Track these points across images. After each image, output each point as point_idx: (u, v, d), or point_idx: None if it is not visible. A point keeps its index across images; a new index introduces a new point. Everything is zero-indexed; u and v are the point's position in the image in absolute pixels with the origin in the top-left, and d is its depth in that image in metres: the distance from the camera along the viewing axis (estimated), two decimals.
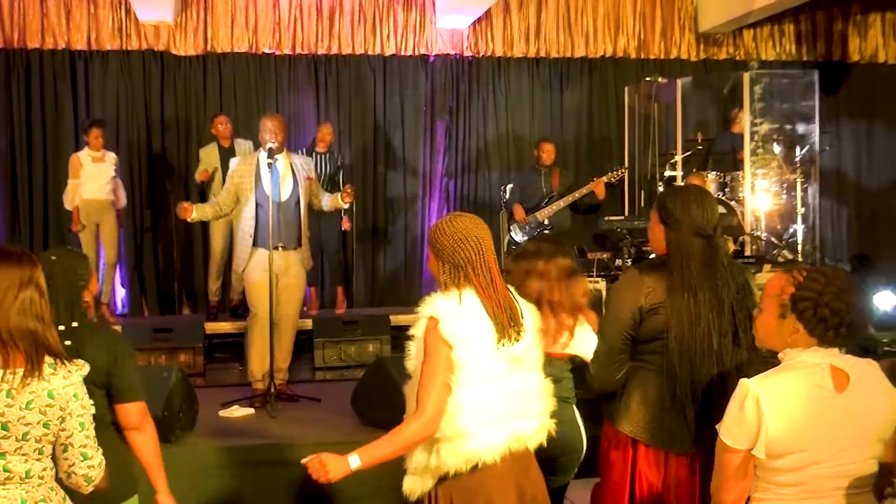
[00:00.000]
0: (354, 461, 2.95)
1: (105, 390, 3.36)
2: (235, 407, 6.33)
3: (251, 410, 6.33)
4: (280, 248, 6.48)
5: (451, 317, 2.97)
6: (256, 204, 6.52)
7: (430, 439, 2.98)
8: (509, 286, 3.19)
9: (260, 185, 6.51)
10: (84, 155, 8.60)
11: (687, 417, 3.25)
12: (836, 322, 2.65)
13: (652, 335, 3.31)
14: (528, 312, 3.15)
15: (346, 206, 7.30)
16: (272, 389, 6.35)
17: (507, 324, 3.03)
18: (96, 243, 8.69)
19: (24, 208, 9.60)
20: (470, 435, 2.96)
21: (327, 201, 6.85)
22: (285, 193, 6.59)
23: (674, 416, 3.27)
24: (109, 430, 3.34)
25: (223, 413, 6.25)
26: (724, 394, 2.87)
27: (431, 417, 2.94)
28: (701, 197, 3.38)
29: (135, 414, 3.40)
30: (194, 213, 6.49)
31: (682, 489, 3.29)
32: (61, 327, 3.16)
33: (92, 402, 2.98)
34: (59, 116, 9.69)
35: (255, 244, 6.53)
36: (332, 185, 8.77)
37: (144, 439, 3.44)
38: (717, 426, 2.73)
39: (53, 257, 3.37)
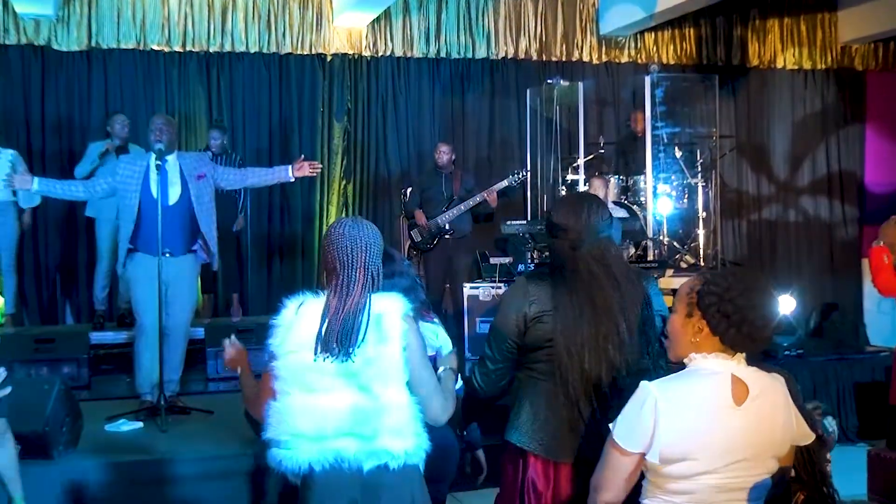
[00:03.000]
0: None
1: None
2: (123, 421, 6.19)
3: (140, 424, 6.19)
4: (167, 255, 6.34)
5: (283, 324, 3.10)
6: (140, 206, 6.38)
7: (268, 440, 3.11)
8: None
9: (147, 187, 6.38)
10: None
11: (575, 426, 3.28)
12: (738, 319, 2.67)
13: (538, 343, 3.34)
14: (387, 329, 3.07)
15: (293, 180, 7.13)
16: (162, 402, 6.21)
17: (336, 339, 3.02)
18: None
19: None
20: (279, 442, 3.05)
21: (241, 177, 6.91)
22: (174, 196, 6.46)
23: (563, 424, 3.29)
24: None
25: (109, 427, 6.10)
26: (616, 402, 2.90)
27: (252, 399, 3.41)
28: (581, 204, 3.40)
29: None
30: (35, 183, 6.28)
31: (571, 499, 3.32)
32: None
33: None
34: None
35: (136, 249, 6.40)
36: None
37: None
38: (609, 424, 2.74)
39: None
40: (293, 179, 7.02)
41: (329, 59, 10.39)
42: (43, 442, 5.14)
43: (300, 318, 3.07)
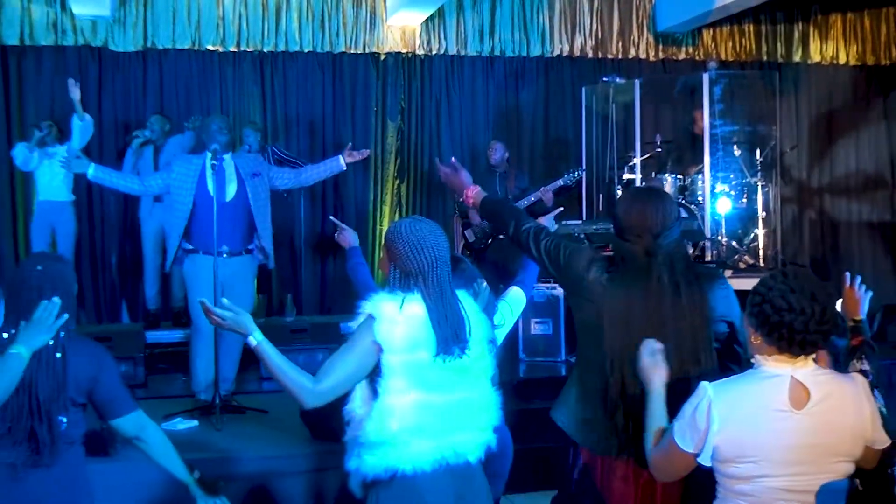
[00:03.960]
0: (258, 336, 3.04)
1: (82, 407, 3.34)
2: (178, 419, 6.25)
3: (195, 423, 6.26)
4: (224, 254, 6.41)
5: (389, 320, 3.00)
6: (196, 205, 6.45)
7: (355, 443, 3.04)
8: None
9: (203, 185, 6.45)
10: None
11: (616, 422, 3.28)
12: (777, 321, 2.65)
13: (585, 322, 3.39)
14: (478, 324, 3.16)
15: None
16: (217, 401, 6.28)
17: (451, 337, 3.04)
18: (52, 247, 8.63)
19: None
20: (394, 444, 2.99)
21: (296, 175, 7.03)
22: (230, 194, 6.54)
23: (606, 423, 3.30)
24: (72, 450, 3.31)
25: (165, 425, 6.16)
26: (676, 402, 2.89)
27: (321, 392, 2.98)
28: (648, 200, 3.37)
29: (135, 427, 3.42)
30: (91, 169, 6.32)
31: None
32: (50, 342, 3.18)
33: (65, 419, 3.10)
34: None
35: (195, 249, 6.46)
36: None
37: (149, 446, 3.48)
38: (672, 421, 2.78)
39: (40, 267, 3.33)
40: (345, 167, 7.12)
41: (383, 57, 10.43)
42: (102, 440, 5.21)
43: (408, 318, 3.03)
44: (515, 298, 4.33)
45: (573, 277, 3.42)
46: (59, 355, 3.19)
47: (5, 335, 3.24)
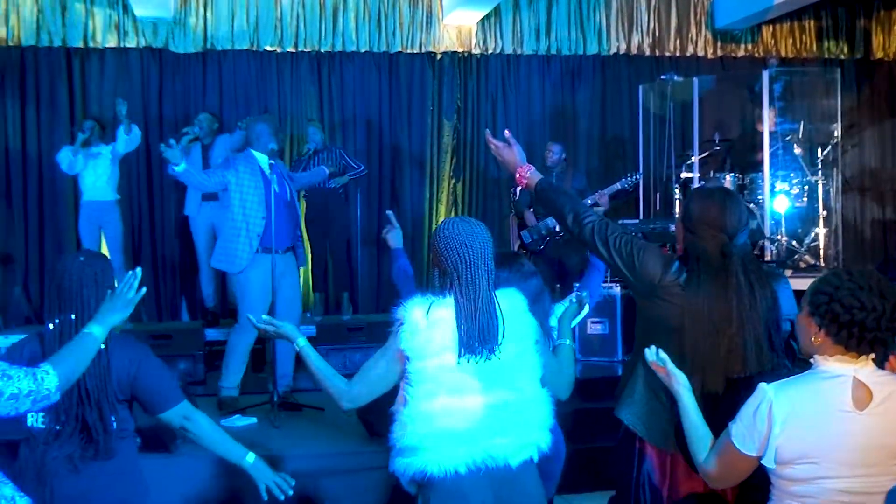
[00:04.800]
0: (301, 342, 3.20)
1: (128, 403, 3.40)
2: (237, 416, 6.34)
3: (254, 420, 6.33)
4: (280, 252, 6.54)
5: (414, 327, 3.05)
6: (263, 204, 6.54)
7: (394, 447, 3.09)
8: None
9: (268, 185, 6.55)
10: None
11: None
12: (847, 320, 2.63)
13: (658, 322, 3.35)
14: (518, 324, 3.14)
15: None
16: (275, 398, 6.35)
17: (477, 338, 3.04)
18: (98, 248, 8.75)
19: (19, 212, 9.62)
20: (423, 448, 3.02)
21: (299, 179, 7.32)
22: (286, 194, 6.67)
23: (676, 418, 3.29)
24: (125, 443, 3.37)
25: (224, 423, 6.24)
26: (729, 403, 2.88)
27: (351, 397, 3.13)
28: (724, 200, 3.37)
29: (179, 418, 3.45)
30: (182, 164, 6.36)
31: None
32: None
33: (113, 417, 3.18)
34: (55, 117, 9.71)
35: (260, 247, 6.53)
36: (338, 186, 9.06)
37: (198, 435, 3.49)
38: (729, 425, 2.75)
39: (82, 258, 3.36)
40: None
41: (439, 57, 10.47)
42: (162, 436, 5.30)
43: (433, 322, 3.06)
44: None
45: (648, 278, 3.37)
46: (103, 347, 3.18)
47: (51, 325, 3.27)
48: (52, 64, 9.70)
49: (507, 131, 3.87)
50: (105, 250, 8.77)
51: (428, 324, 3.05)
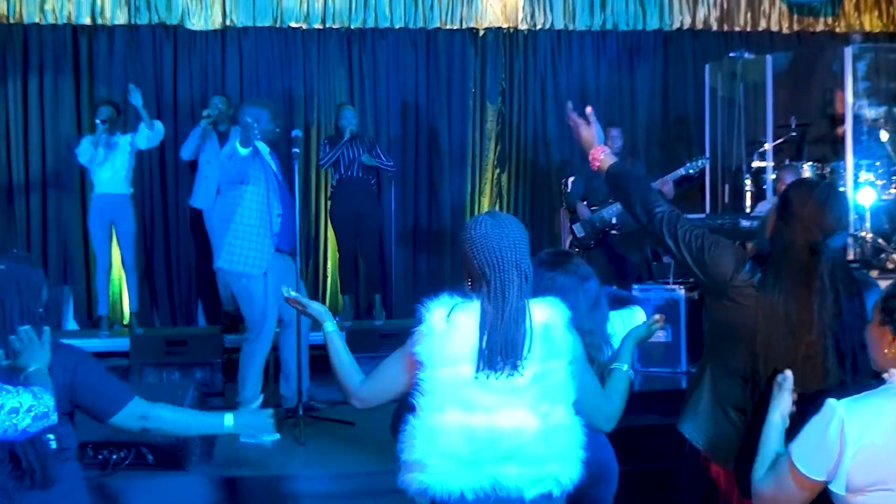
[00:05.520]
0: (329, 327, 3.30)
1: (68, 416, 3.35)
2: None
3: (277, 436, 6.35)
4: (287, 251, 6.63)
5: (431, 330, 3.03)
6: (277, 199, 6.58)
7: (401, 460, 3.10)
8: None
9: (278, 179, 6.60)
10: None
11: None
12: None
13: (729, 326, 3.36)
14: (551, 341, 3.06)
15: None
16: (301, 412, 6.39)
17: (500, 352, 2.99)
18: (111, 243, 8.87)
19: (21, 206, 9.74)
20: (426, 466, 2.99)
21: None
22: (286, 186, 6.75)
23: (742, 430, 3.29)
24: (67, 466, 3.32)
25: (245, 439, 6.29)
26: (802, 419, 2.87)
27: (361, 397, 3.24)
28: (826, 196, 3.37)
29: (135, 419, 3.42)
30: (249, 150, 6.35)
31: None
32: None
33: (53, 436, 3.10)
34: (59, 98, 9.83)
35: (276, 246, 6.57)
36: (369, 174, 9.04)
37: (162, 423, 3.49)
38: (789, 445, 2.72)
39: (3, 266, 3.30)
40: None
41: (481, 33, 10.47)
42: (177, 453, 5.35)
43: (453, 327, 3.02)
44: (631, 316, 4.20)
45: (719, 277, 3.37)
46: None
47: None
48: (56, 43, 9.82)
49: (588, 108, 3.92)
50: (115, 247, 8.89)
51: (446, 328, 3.02)
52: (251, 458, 5.90)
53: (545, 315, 3.07)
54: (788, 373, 2.94)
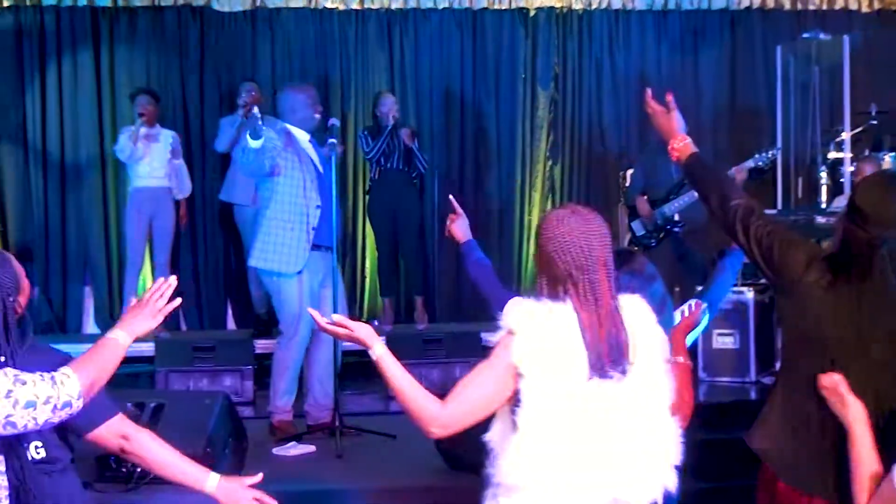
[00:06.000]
0: (379, 350, 3.03)
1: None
2: (292, 444, 6.37)
3: (312, 448, 6.36)
4: (326, 248, 6.64)
5: (530, 336, 2.95)
6: (316, 191, 6.58)
7: (493, 483, 3.01)
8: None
9: (318, 170, 6.59)
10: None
11: (829, 459, 3.23)
12: None
13: (798, 335, 3.36)
14: (649, 340, 3.08)
15: None
16: (338, 422, 6.38)
17: (606, 354, 2.96)
18: (148, 240, 8.95)
19: (39, 201, 9.82)
20: (536, 488, 2.94)
21: None
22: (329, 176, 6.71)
23: (817, 454, 3.25)
24: (65, 480, 3.30)
25: (278, 451, 6.29)
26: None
27: (445, 422, 3.01)
28: (888, 186, 3.34)
29: (114, 434, 3.35)
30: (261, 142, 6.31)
31: None
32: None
33: (40, 443, 3.09)
34: (78, 85, 9.89)
35: (315, 241, 6.57)
36: (410, 166, 9.05)
37: (142, 450, 3.39)
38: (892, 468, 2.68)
39: None
40: None
41: (532, 14, 10.45)
42: (205, 465, 5.34)
43: (554, 334, 2.98)
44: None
45: (789, 277, 3.35)
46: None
47: None
48: (75, 26, 9.88)
49: (669, 94, 3.95)
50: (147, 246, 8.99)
51: (547, 335, 2.97)
52: (286, 471, 5.90)
53: (635, 313, 3.09)
54: (836, 376, 2.91)
